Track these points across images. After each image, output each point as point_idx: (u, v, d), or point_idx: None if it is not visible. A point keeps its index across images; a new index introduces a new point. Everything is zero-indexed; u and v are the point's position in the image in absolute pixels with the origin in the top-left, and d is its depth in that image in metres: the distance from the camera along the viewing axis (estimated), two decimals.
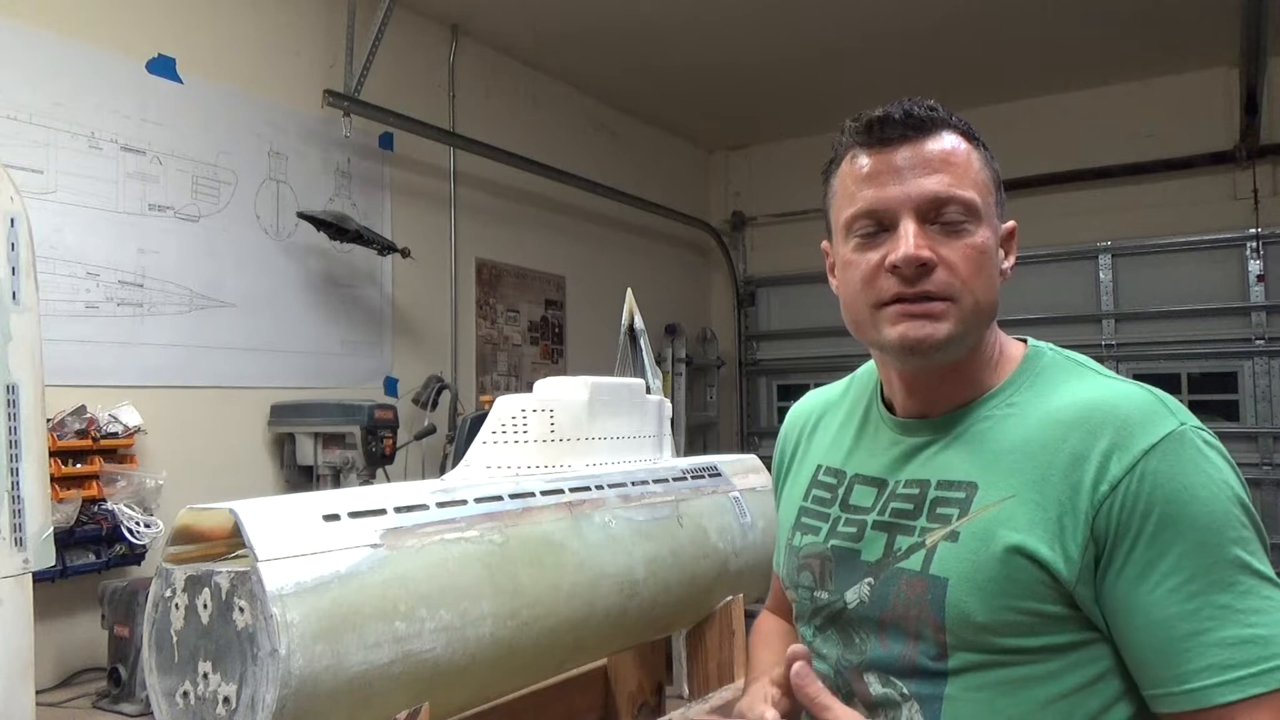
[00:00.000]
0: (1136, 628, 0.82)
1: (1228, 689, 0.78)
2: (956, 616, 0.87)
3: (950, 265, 0.90)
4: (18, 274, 1.47)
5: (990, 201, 0.94)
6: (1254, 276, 4.20)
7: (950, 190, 0.90)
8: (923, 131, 0.92)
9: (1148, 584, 0.81)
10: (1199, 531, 0.81)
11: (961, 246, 0.90)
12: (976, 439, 0.93)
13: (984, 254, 0.91)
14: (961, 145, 0.93)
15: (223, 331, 2.79)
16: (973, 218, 0.91)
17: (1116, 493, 0.83)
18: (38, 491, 1.46)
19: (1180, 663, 0.80)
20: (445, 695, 1.11)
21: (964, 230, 0.90)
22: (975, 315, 0.91)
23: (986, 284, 0.92)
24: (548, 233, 4.26)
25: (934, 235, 0.90)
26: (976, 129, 0.97)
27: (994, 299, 0.93)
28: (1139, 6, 3.64)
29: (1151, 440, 0.83)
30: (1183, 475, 0.82)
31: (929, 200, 0.90)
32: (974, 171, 0.93)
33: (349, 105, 3.14)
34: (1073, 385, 0.92)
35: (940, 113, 0.94)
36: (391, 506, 1.09)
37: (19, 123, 2.33)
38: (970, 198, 0.91)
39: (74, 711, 2.06)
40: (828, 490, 1.06)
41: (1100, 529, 0.83)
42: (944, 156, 0.91)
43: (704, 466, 1.64)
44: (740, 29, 3.83)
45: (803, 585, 1.04)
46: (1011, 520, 0.87)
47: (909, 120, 0.92)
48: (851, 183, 0.95)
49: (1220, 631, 0.79)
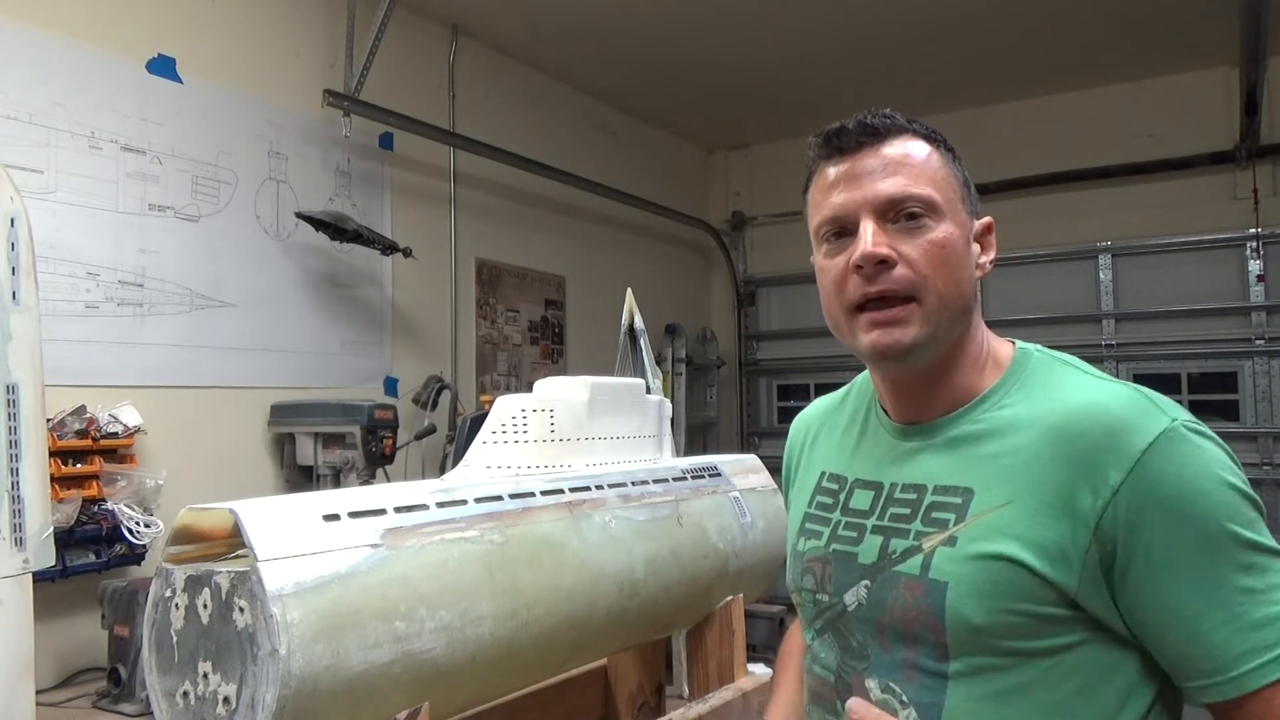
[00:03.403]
0: (1167, 625, 0.83)
1: (1269, 669, 0.80)
2: (956, 620, 0.88)
3: (910, 261, 0.92)
4: (18, 274, 1.47)
5: (954, 198, 0.96)
6: (1254, 276, 4.20)
7: (905, 189, 0.93)
8: (878, 137, 0.96)
9: (1170, 582, 0.82)
10: (1208, 523, 0.82)
11: (922, 243, 0.92)
12: (970, 444, 0.94)
13: (945, 248, 0.93)
14: (920, 147, 0.96)
15: (223, 331, 2.79)
16: (933, 214, 0.93)
17: (1119, 497, 0.83)
18: (38, 491, 1.46)
19: (1218, 653, 0.81)
20: (445, 695, 1.11)
21: (924, 227, 0.93)
22: (941, 311, 0.93)
23: (950, 278, 0.93)
24: (548, 233, 4.26)
25: (894, 234, 0.93)
26: (940, 133, 0.99)
27: (961, 293, 0.94)
28: (1139, 6, 3.64)
29: (1147, 440, 0.84)
30: (1182, 470, 0.83)
31: (885, 200, 0.93)
32: (932, 170, 0.95)
33: (349, 105, 3.14)
34: (1063, 387, 0.93)
35: (897, 119, 0.97)
36: (391, 506, 1.09)
37: (19, 123, 2.33)
38: (926, 194, 0.93)
39: (74, 711, 2.06)
40: (830, 495, 1.07)
41: (1107, 532, 0.84)
42: (899, 159, 0.94)
43: (704, 466, 1.64)
44: (740, 29, 3.83)
45: (806, 588, 1.05)
46: (1009, 526, 0.87)
47: (864, 129, 0.96)
48: (819, 193, 0.99)
49: (1250, 615, 0.81)
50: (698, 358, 5.25)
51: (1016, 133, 4.56)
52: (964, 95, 4.58)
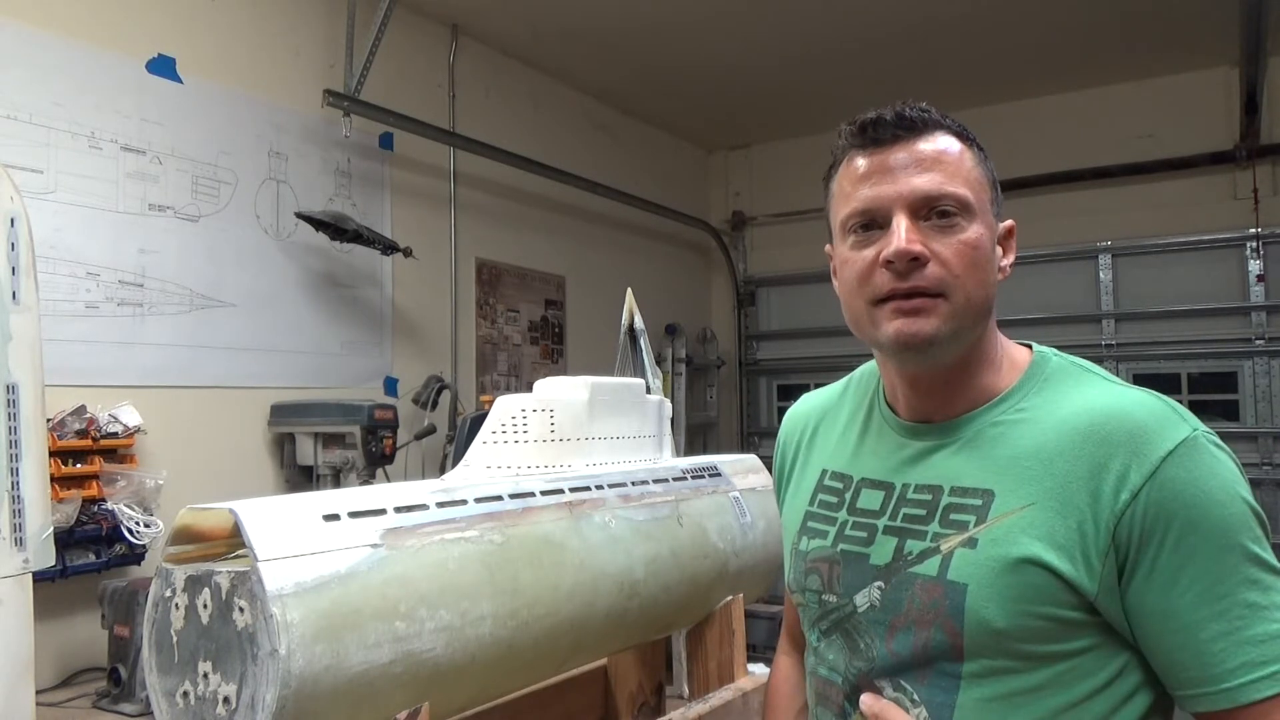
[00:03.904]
0: (1168, 632, 0.83)
1: (1264, 684, 0.80)
2: (975, 622, 0.87)
3: (943, 260, 0.91)
4: (18, 274, 1.47)
5: (985, 199, 0.95)
6: (1254, 276, 4.20)
7: (941, 187, 0.91)
8: (915, 132, 0.94)
9: (1177, 589, 0.83)
10: (1220, 535, 0.82)
11: (954, 242, 0.91)
12: (989, 445, 0.94)
13: (977, 249, 0.92)
14: (954, 144, 0.94)
15: (223, 331, 2.79)
16: (965, 214, 0.92)
17: (1138, 500, 0.83)
18: (38, 491, 1.46)
19: (1215, 663, 0.81)
20: (445, 695, 1.11)
21: (957, 226, 0.92)
22: (967, 310, 0.92)
23: (979, 279, 0.92)
24: (548, 233, 4.26)
25: (927, 231, 0.91)
26: (971, 131, 0.98)
27: (987, 295, 0.94)
28: (1139, 6, 3.64)
29: (1168, 447, 0.84)
30: (1200, 480, 0.83)
31: (921, 197, 0.91)
32: (966, 169, 0.94)
33: (349, 105, 3.14)
34: (1083, 392, 0.92)
35: (933, 114, 0.95)
36: (391, 506, 1.09)
37: (19, 123, 2.33)
38: (962, 194, 0.92)
39: (74, 711, 2.06)
40: (834, 494, 1.06)
41: (1123, 537, 0.84)
42: (936, 155, 0.93)
43: (704, 466, 1.64)
44: (740, 29, 3.83)
45: (810, 589, 1.03)
46: (1032, 528, 0.87)
47: (901, 121, 0.94)
48: (848, 183, 0.96)
49: (1251, 629, 0.81)
50: (698, 358, 5.25)
51: (1016, 133, 4.56)
52: (964, 95, 4.57)
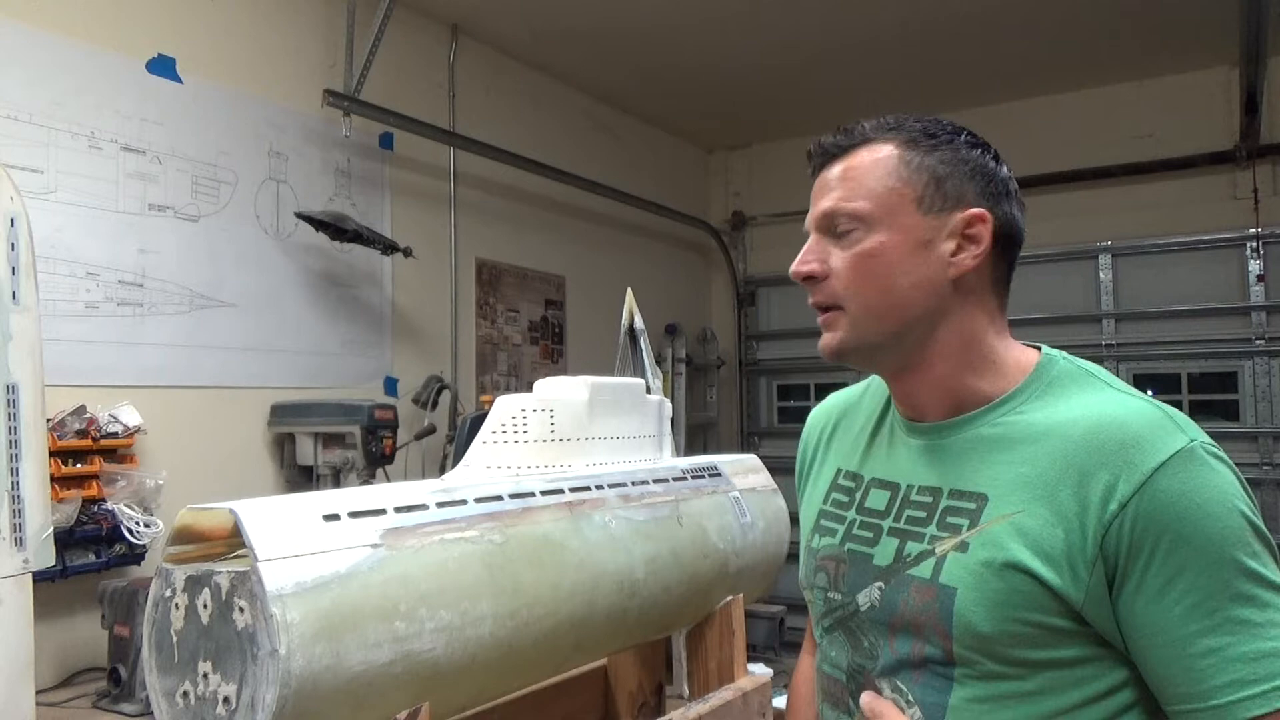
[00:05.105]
0: (1157, 646, 0.83)
1: (1253, 703, 0.78)
2: (963, 625, 0.88)
3: (837, 273, 0.96)
4: (18, 274, 1.47)
5: (900, 202, 0.94)
6: (1254, 276, 4.20)
7: (837, 204, 0.96)
8: (844, 151, 0.99)
9: (1165, 602, 0.82)
10: (1214, 548, 0.81)
11: (848, 255, 0.95)
12: (985, 448, 0.94)
13: (871, 258, 0.94)
14: (871, 156, 0.96)
15: (223, 331, 2.79)
16: (862, 226, 0.95)
17: (1126, 511, 0.83)
18: (38, 491, 1.46)
19: (1203, 679, 0.80)
20: (445, 695, 1.11)
21: (853, 239, 0.95)
22: (868, 317, 0.95)
23: (875, 286, 0.94)
24: (548, 233, 4.26)
25: (831, 247, 0.97)
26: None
27: (893, 300, 0.94)
28: (1139, 6, 3.64)
29: (1161, 458, 0.83)
30: (1193, 492, 0.82)
31: (822, 216, 0.98)
32: (875, 179, 0.95)
33: (349, 105, 3.14)
34: (1084, 398, 0.92)
35: (867, 130, 0.98)
36: (391, 506, 1.09)
37: (19, 123, 2.33)
38: (854, 208, 0.95)
39: (74, 711, 2.06)
40: (846, 494, 1.07)
41: (1111, 548, 0.83)
42: (843, 172, 0.97)
43: (704, 466, 1.64)
44: (740, 29, 3.83)
45: (818, 586, 1.05)
46: (1021, 535, 0.87)
47: (834, 143, 0.99)
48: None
49: (1242, 646, 0.79)
50: (698, 358, 5.25)
51: (1016, 132, 4.55)
52: (963, 95, 4.57)
